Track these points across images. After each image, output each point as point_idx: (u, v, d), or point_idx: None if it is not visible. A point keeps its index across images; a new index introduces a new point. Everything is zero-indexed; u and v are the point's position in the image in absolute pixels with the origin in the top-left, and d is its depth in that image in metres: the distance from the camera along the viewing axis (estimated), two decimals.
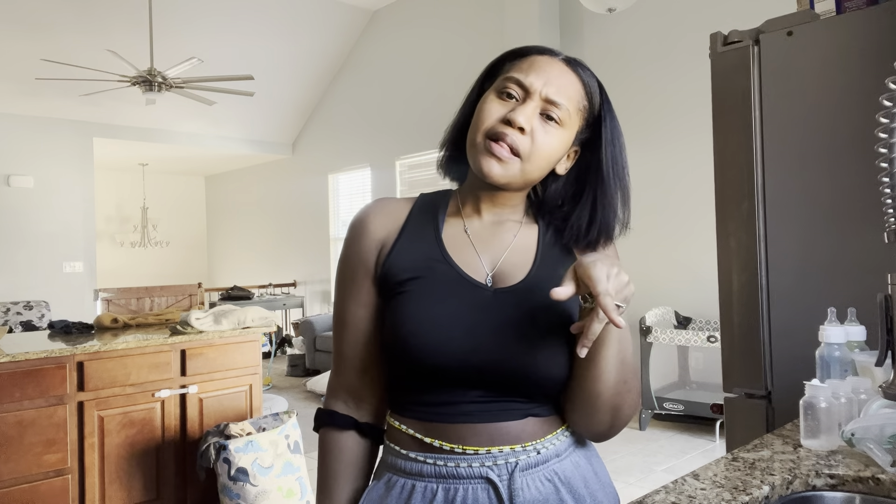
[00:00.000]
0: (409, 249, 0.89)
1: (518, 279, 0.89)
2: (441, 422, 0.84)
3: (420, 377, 0.85)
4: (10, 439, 2.45)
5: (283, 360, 7.51)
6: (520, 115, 0.84)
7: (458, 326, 0.84)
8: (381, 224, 0.91)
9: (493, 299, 0.86)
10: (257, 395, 3.15)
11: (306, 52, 7.27)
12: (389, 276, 0.88)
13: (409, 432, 0.87)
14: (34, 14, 5.70)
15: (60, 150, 7.10)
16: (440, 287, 0.86)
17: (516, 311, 0.85)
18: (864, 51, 1.47)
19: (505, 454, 0.83)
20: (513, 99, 0.86)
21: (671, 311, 4.60)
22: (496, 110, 0.86)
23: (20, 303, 6.22)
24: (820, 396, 1.04)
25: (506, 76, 0.88)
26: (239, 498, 2.67)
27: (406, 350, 0.84)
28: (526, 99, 0.86)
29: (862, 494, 0.92)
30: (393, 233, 0.91)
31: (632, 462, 3.69)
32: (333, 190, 7.99)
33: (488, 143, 0.85)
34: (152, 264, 10.28)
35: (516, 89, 0.86)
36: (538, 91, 0.86)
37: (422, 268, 0.87)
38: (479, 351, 0.82)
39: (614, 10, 3.87)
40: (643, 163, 4.92)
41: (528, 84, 0.86)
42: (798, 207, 1.56)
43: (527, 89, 0.86)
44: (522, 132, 0.84)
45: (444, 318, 0.84)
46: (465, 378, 0.83)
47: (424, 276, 0.87)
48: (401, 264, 0.88)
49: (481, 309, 0.85)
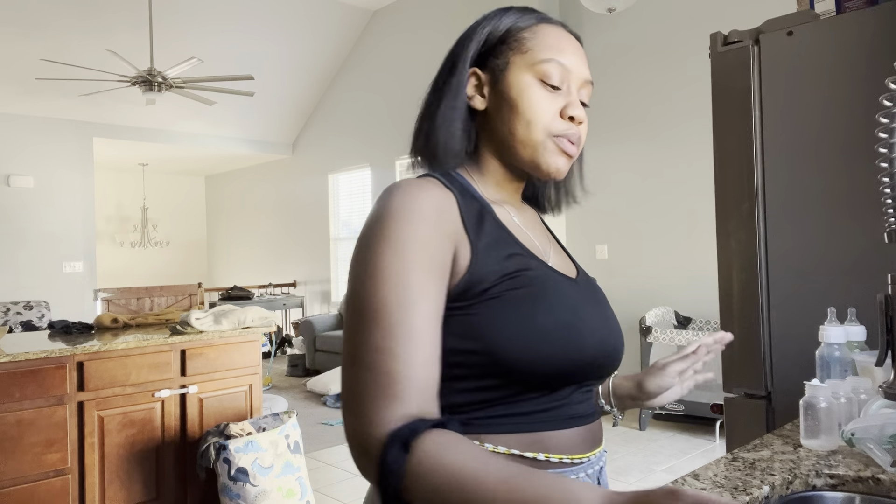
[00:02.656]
0: (491, 245, 0.76)
1: (570, 266, 0.89)
2: (545, 430, 0.75)
3: (540, 381, 0.73)
4: (10, 439, 2.45)
5: (283, 360, 7.51)
6: (580, 111, 0.81)
7: (593, 316, 0.80)
8: (448, 219, 0.75)
9: (585, 289, 0.84)
10: (257, 395, 3.15)
11: (306, 52, 7.27)
12: (482, 277, 0.73)
13: (500, 450, 0.73)
14: (34, 14, 5.70)
15: (60, 150, 7.10)
16: (550, 280, 0.78)
17: (602, 299, 0.86)
18: (864, 51, 1.47)
19: (598, 457, 0.81)
20: (556, 88, 0.80)
21: (671, 311, 4.60)
22: (548, 104, 0.80)
23: (20, 303, 6.22)
24: (820, 396, 1.04)
25: (545, 59, 0.80)
26: (239, 498, 2.67)
27: (567, 345, 0.74)
28: (568, 84, 0.81)
29: (862, 494, 0.92)
30: (459, 227, 0.75)
31: (632, 462, 3.69)
32: (333, 190, 7.99)
33: (559, 141, 0.80)
34: (152, 264, 10.28)
35: (558, 75, 0.80)
36: (580, 75, 0.82)
37: (513, 264, 0.76)
38: (608, 340, 0.80)
39: (614, 10, 3.87)
40: (643, 162, 4.92)
41: (572, 68, 0.81)
42: (798, 207, 1.56)
43: (569, 73, 0.81)
44: (580, 124, 0.82)
45: (582, 308, 0.78)
46: (590, 372, 0.78)
47: (526, 271, 0.76)
48: (492, 264, 0.75)
49: (587, 299, 0.82)
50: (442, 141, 0.82)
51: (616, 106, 5.06)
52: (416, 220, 0.72)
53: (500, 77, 0.81)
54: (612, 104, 5.08)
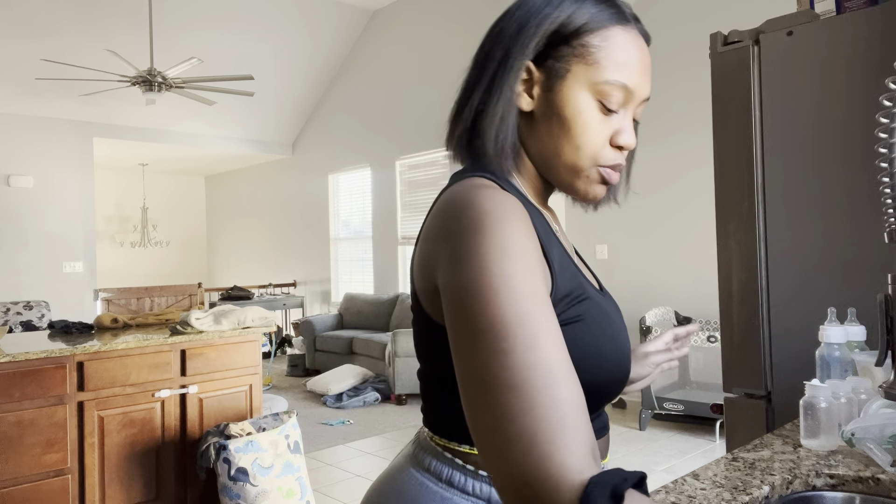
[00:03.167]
0: (561, 263, 0.72)
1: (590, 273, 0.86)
2: None
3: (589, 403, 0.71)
4: (10, 439, 2.45)
5: (283, 360, 7.51)
6: (631, 138, 0.74)
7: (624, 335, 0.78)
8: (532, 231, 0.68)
9: (611, 302, 0.83)
10: (257, 395, 3.15)
11: (306, 52, 7.27)
12: (557, 298, 0.70)
13: None
14: (34, 14, 5.70)
15: (60, 150, 7.11)
16: (595, 296, 0.76)
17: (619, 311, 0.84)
18: (864, 51, 1.47)
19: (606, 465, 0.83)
20: (613, 111, 0.73)
21: (671, 311, 4.60)
22: (601, 130, 0.73)
23: (20, 303, 6.22)
24: (820, 396, 1.04)
25: (610, 81, 0.72)
26: (239, 498, 2.67)
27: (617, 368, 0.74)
28: (627, 104, 0.74)
29: (862, 494, 0.92)
30: (538, 241, 0.69)
31: (632, 462, 3.69)
32: (333, 190, 7.99)
33: (603, 171, 0.75)
34: (152, 264, 10.29)
35: (619, 100, 0.73)
36: (640, 95, 0.75)
37: (576, 286, 0.73)
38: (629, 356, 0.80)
39: None
40: (643, 162, 4.92)
41: (635, 90, 0.73)
42: (798, 207, 1.56)
43: (631, 96, 0.73)
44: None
45: (622, 330, 0.78)
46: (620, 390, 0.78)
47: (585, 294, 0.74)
48: (565, 285, 0.71)
49: (619, 317, 0.81)
50: (494, 139, 0.74)
51: None
52: (520, 231, 0.64)
53: (556, 84, 0.73)
54: None
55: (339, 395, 5.29)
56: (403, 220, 6.95)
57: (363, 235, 7.57)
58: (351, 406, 5.19)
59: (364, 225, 7.56)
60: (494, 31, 0.76)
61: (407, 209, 6.91)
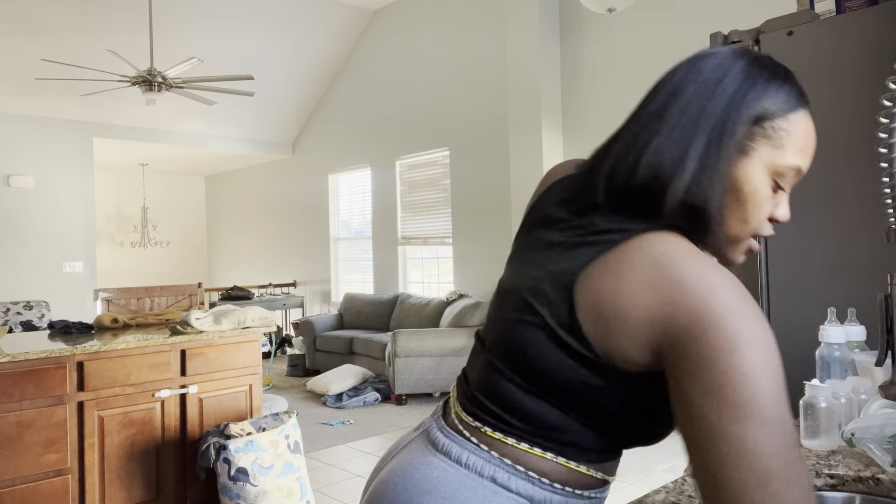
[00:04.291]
0: None
1: None
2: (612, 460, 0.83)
3: None
4: (10, 439, 2.45)
5: (283, 360, 7.51)
6: (786, 213, 0.77)
7: None
8: None
9: None
10: (257, 395, 3.15)
11: (306, 52, 7.27)
12: None
13: (598, 476, 0.81)
14: (34, 14, 5.70)
15: (60, 150, 7.11)
16: None
17: None
18: (864, 51, 1.47)
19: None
20: (783, 189, 0.76)
21: None
22: (767, 206, 0.75)
23: (20, 303, 6.23)
24: (820, 396, 1.04)
25: (791, 166, 0.73)
26: (239, 498, 2.67)
27: None
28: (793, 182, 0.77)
29: (862, 494, 0.92)
30: None
31: (632, 462, 3.69)
32: (333, 190, 7.99)
33: (751, 242, 0.78)
34: (152, 264, 10.29)
35: (791, 181, 0.75)
36: (804, 173, 0.78)
37: None
38: None
39: (614, 10, 3.87)
40: None
41: (805, 170, 0.76)
42: (798, 207, 1.56)
43: (800, 176, 0.76)
44: None
45: None
46: None
47: None
48: None
49: None
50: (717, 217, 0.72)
51: (615, 106, 5.06)
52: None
53: (739, 160, 0.72)
54: (612, 104, 5.07)
55: (339, 396, 5.29)
56: (403, 220, 6.95)
57: (363, 235, 7.57)
58: (351, 406, 5.19)
59: (364, 225, 7.56)
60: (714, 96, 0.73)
61: (407, 209, 6.91)
